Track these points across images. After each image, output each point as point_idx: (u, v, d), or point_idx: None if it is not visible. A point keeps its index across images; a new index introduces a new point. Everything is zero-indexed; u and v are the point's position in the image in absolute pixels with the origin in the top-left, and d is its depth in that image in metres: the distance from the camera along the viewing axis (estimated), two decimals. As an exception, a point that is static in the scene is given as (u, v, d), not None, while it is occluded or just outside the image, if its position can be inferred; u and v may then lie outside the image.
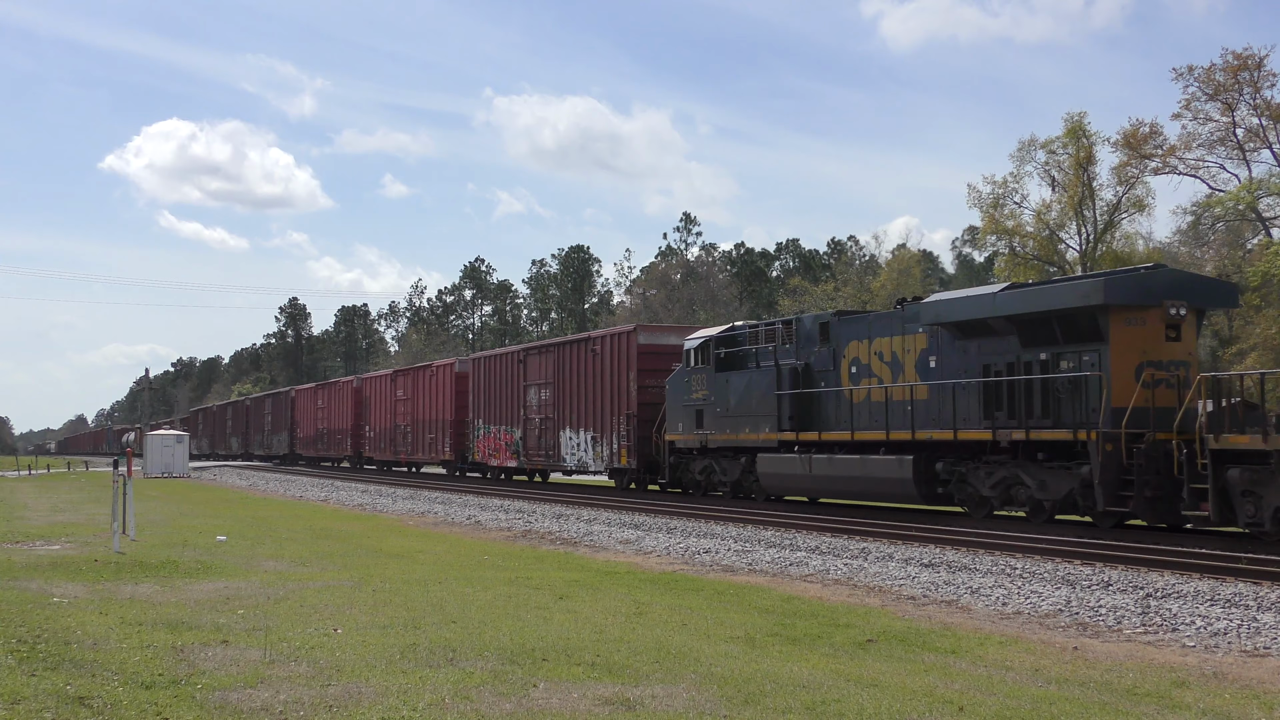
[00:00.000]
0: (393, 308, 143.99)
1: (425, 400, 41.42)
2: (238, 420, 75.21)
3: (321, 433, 54.88)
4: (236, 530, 19.57)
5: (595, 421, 29.37)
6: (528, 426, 33.16)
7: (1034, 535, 16.48)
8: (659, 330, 29.14)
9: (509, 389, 34.52)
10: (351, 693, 7.10)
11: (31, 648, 8.48)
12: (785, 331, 22.87)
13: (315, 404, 56.35)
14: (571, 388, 30.79)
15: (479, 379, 36.94)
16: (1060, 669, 8.15)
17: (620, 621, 9.89)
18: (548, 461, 32.12)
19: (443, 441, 39.58)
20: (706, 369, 24.50)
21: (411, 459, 43.61)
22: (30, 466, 71.70)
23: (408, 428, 43.11)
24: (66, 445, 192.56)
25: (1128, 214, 53.28)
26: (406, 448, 43.37)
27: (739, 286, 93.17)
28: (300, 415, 58.99)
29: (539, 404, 32.51)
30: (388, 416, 45.47)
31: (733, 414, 23.55)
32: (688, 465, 25.86)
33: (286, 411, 61.83)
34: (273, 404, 66.08)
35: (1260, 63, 46.17)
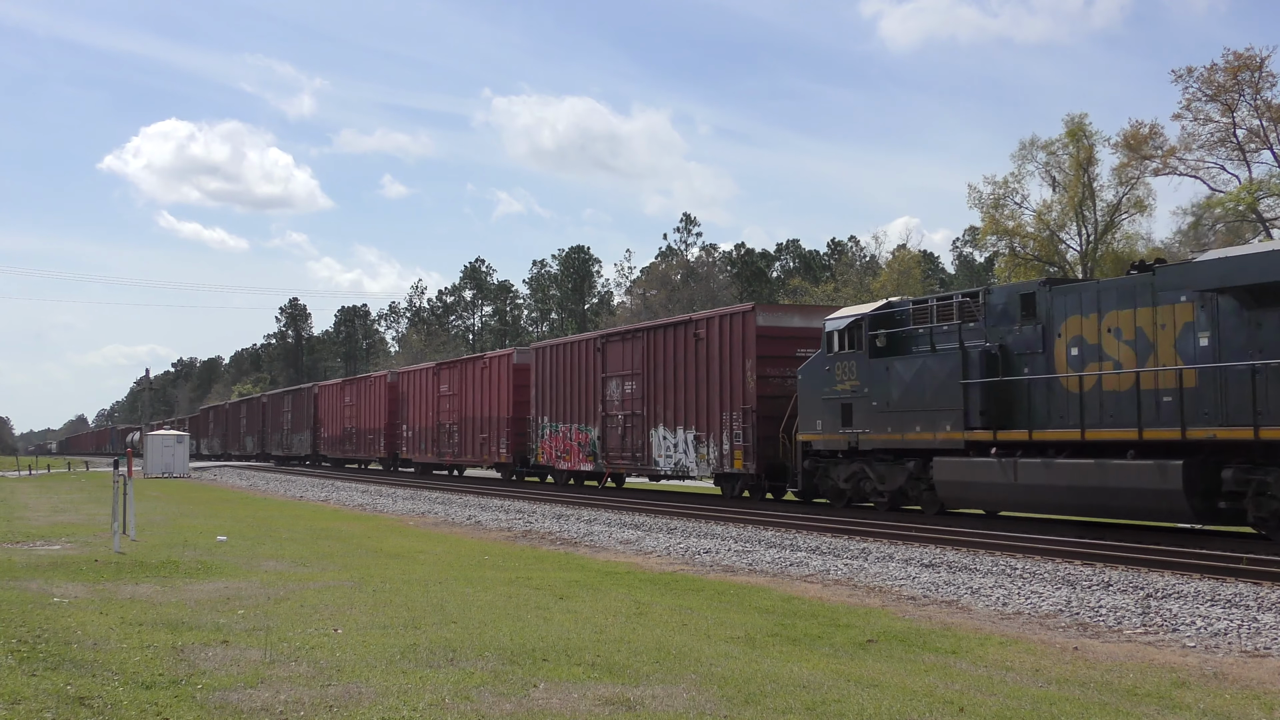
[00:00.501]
0: (393, 308, 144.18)
1: (476, 396, 37.17)
2: (253, 418, 71.03)
3: (349, 432, 50.94)
4: (237, 530, 19.57)
5: (699, 418, 25.20)
6: (607, 424, 28.98)
7: (1034, 535, 16.47)
8: (781, 311, 25.39)
9: (583, 381, 30.26)
10: (352, 693, 7.10)
11: (32, 648, 8.48)
12: (970, 306, 18.69)
13: (342, 401, 52.05)
14: (666, 379, 26.64)
15: (544, 371, 32.49)
16: (1061, 669, 8.15)
17: (620, 622, 9.89)
18: (634, 465, 28.05)
19: (497, 442, 35.50)
20: (857, 355, 20.32)
21: (458, 461, 39.48)
22: (30, 467, 71.73)
23: (454, 427, 38.93)
24: (68, 445, 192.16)
25: (1128, 214, 53.33)
26: (452, 449, 39.19)
27: (739, 287, 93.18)
28: (325, 413, 55.05)
29: (621, 398, 28.34)
30: (429, 414, 41.30)
31: (896, 409, 19.40)
32: (828, 471, 21.51)
33: (309, 409, 57.76)
34: (293, 401, 61.69)
35: (1261, 64, 46.19)
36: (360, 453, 49.81)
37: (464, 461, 38.93)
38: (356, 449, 50.13)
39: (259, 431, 68.49)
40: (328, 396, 55.03)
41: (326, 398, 55.15)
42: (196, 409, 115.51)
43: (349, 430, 50.89)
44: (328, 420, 54.61)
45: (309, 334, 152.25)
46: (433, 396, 40.95)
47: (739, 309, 24.72)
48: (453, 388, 39.18)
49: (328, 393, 55.38)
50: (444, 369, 40.70)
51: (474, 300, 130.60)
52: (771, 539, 17.69)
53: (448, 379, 39.80)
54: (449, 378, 39.74)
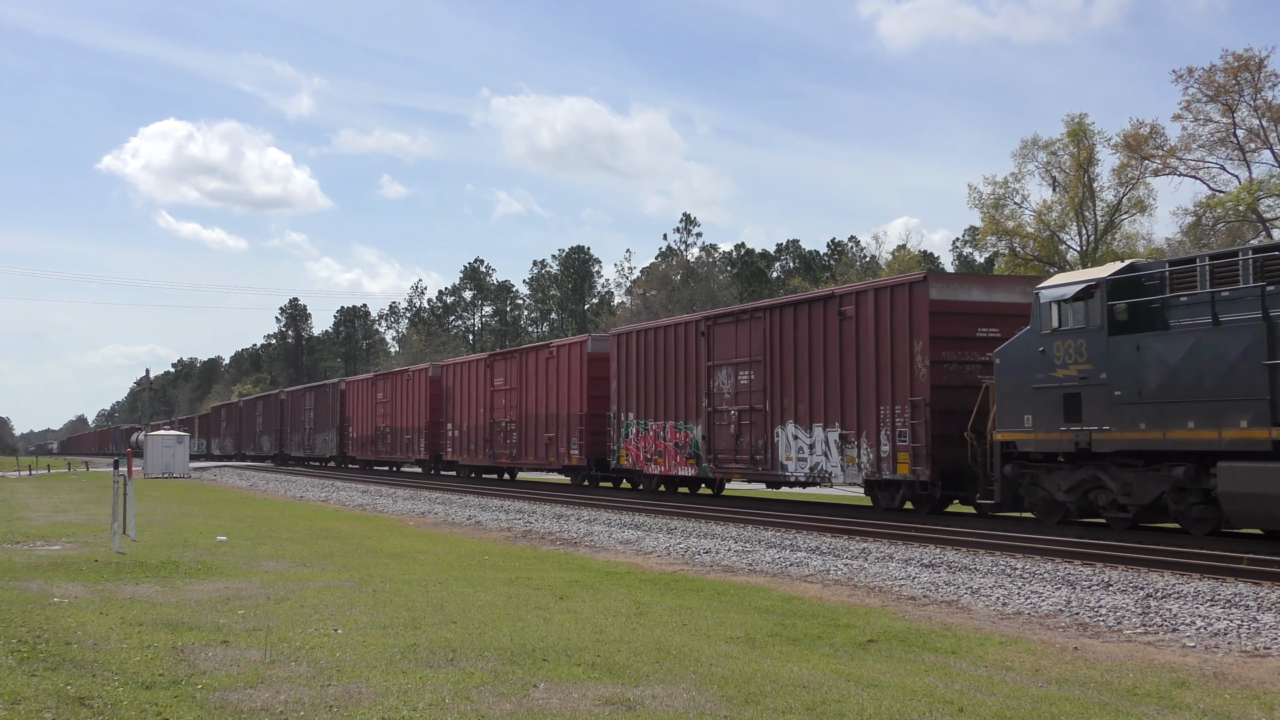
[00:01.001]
0: (393, 308, 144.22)
1: (540, 390, 32.71)
2: (270, 417, 65.85)
3: (383, 433, 46.28)
4: (237, 530, 19.58)
5: (845, 414, 20.85)
6: (715, 421, 24.59)
7: (1034, 535, 16.46)
8: (957, 282, 20.57)
9: (682, 371, 25.91)
10: (352, 693, 7.11)
11: (32, 648, 8.49)
12: (1266, 265, 14.43)
13: (373, 398, 47.44)
14: (798, 367, 22.11)
15: (629, 360, 28.05)
16: (1060, 669, 8.15)
17: (620, 622, 9.89)
18: (751, 469, 23.58)
19: (566, 442, 31.07)
20: (1088, 332, 16.12)
21: (517, 464, 34.86)
22: (30, 467, 71.76)
23: (510, 425, 34.58)
24: (69, 445, 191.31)
25: (1128, 215, 53.37)
26: (509, 450, 34.78)
27: (739, 287, 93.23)
28: (354, 411, 50.16)
29: (734, 390, 24.02)
30: (480, 412, 36.81)
31: (1153, 399, 15.19)
32: (1039, 479, 17.26)
33: (334, 407, 52.97)
34: (316, 398, 56.77)
35: (1261, 64, 46.21)
36: (396, 454, 45.14)
37: (525, 464, 34.59)
38: (391, 450, 45.43)
39: (277, 431, 63.96)
40: (357, 393, 50.05)
41: (356, 394, 50.24)
42: (207, 407, 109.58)
43: (382, 430, 46.38)
44: (357, 419, 49.83)
45: (309, 334, 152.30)
46: (484, 392, 36.57)
47: (904, 279, 20.46)
48: (510, 381, 34.75)
49: (357, 389, 50.34)
50: (499, 360, 36.21)
51: (474, 300, 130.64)
52: (771, 539, 17.69)
53: (504, 372, 35.33)
54: (505, 370, 35.25)
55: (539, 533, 19.77)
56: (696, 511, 22.20)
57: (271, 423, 65.26)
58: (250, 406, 73.51)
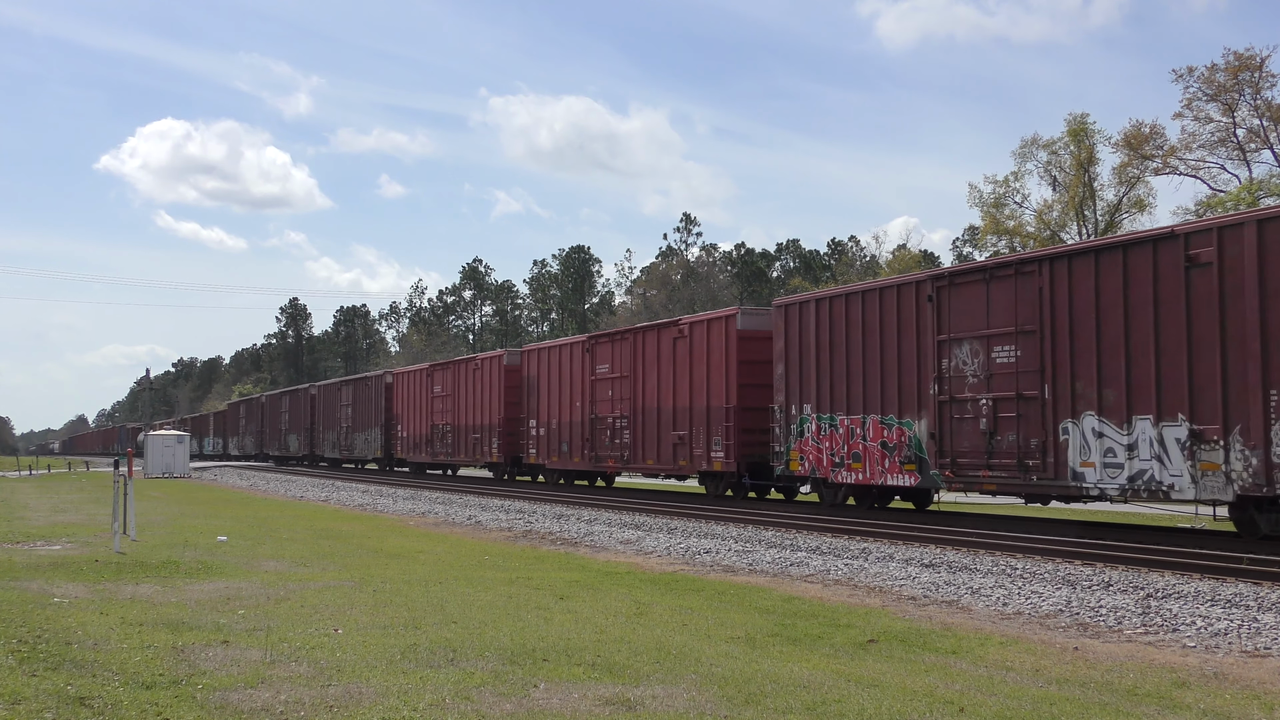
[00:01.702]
0: (393, 308, 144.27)
1: (663, 378, 26.58)
2: (299, 414, 60.07)
3: (440, 431, 40.29)
4: (237, 530, 19.58)
5: (1197, 400, 15.08)
6: (950, 413, 18.87)
7: (1034, 535, 16.47)
8: None
9: (894, 348, 19.93)
10: (352, 693, 7.11)
11: (32, 648, 8.49)
12: None
13: (428, 391, 41.57)
14: (1102, 336, 16.45)
15: (802, 337, 21.91)
16: (1061, 669, 8.15)
17: (621, 622, 9.89)
18: (1023, 478, 17.55)
19: (704, 442, 24.85)
20: None
21: (630, 467, 28.62)
22: (31, 467, 71.80)
23: (619, 422, 28.66)
24: (72, 445, 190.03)
25: (1129, 214, 53.36)
26: (617, 451, 28.78)
27: (739, 287, 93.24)
28: (403, 407, 44.17)
29: (985, 372, 18.25)
30: (576, 406, 30.99)
31: None
32: None
33: (377, 402, 46.87)
34: (356, 393, 50.41)
35: (1261, 63, 46.21)
36: (459, 456, 38.86)
37: (641, 468, 28.46)
38: (454, 451, 39.25)
39: (306, 430, 58.23)
40: (408, 386, 43.87)
41: (406, 388, 44.05)
42: (221, 403, 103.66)
43: (440, 429, 40.36)
44: (408, 416, 43.70)
45: (309, 334, 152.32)
46: (582, 381, 30.79)
47: None
48: (619, 368, 28.96)
49: (408, 382, 44.03)
50: (603, 344, 30.27)
51: (473, 300, 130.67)
52: (771, 539, 17.69)
53: (611, 356, 29.52)
54: (613, 355, 29.49)
55: (539, 532, 19.77)
56: (697, 511, 22.20)
57: (300, 420, 59.68)
58: (275, 403, 66.84)
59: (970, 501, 26.80)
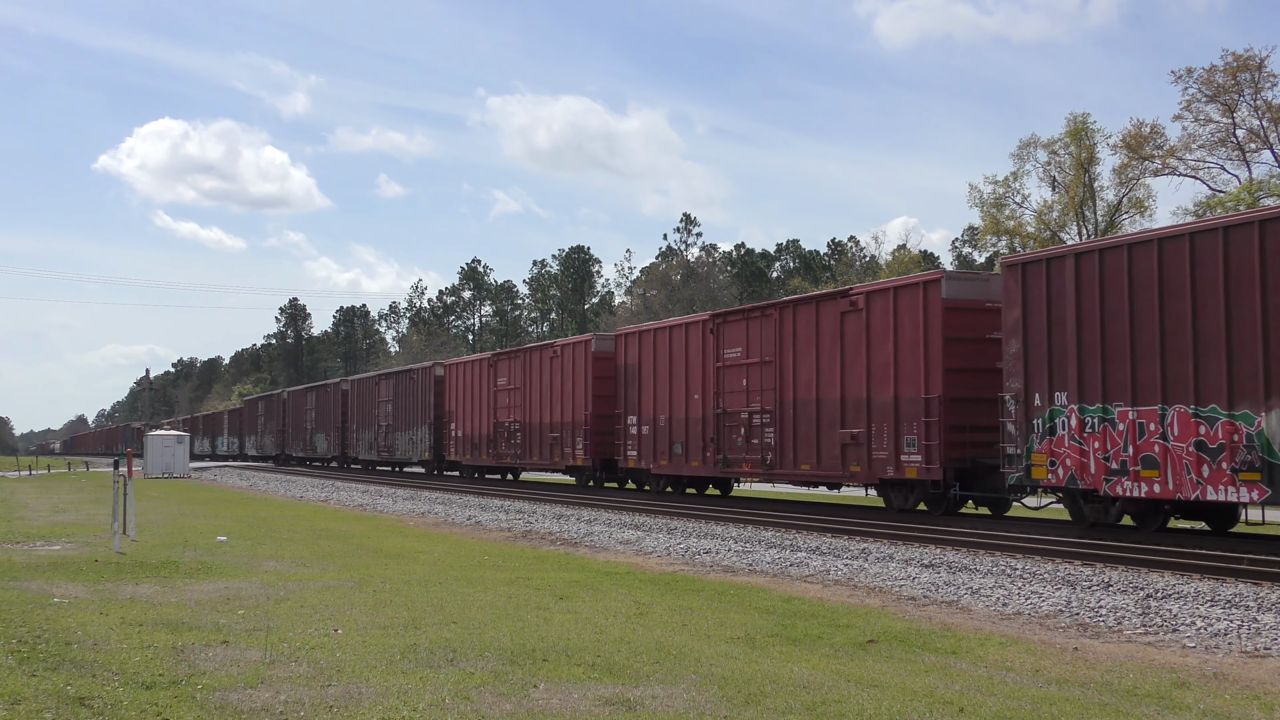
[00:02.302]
0: (393, 308, 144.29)
1: (823, 363, 21.86)
2: (327, 412, 54.99)
3: (506, 430, 34.85)
4: (237, 530, 19.58)
5: None
6: None
7: (1034, 536, 16.47)
8: None
9: (1212, 316, 14.80)
10: (352, 693, 7.11)
11: (32, 648, 8.49)
12: None
13: (489, 384, 36.33)
14: None
15: (1057, 304, 16.91)
16: (1061, 670, 8.16)
17: (621, 622, 9.89)
18: None
19: (889, 441, 20.31)
20: None
21: (776, 473, 23.29)
22: (30, 467, 71.82)
23: (759, 418, 23.43)
24: (73, 445, 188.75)
25: (1128, 215, 53.38)
26: (759, 455, 23.53)
27: (739, 287, 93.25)
28: (457, 403, 38.92)
29: None
30: (695, 400, 25.42)
31: None
32: None
33: (425, 398, 41.91)
34: (397, 388, 45.05)
35: (1261, 64, 46.22)
36: (531, 458, 33.30)
37: (793, 475, 22.98)
38: (524, 453, 33.66)
39: (336, 428, 53.17)
40: (464, 379, 38.51)
41: (462, 381, 38.69)
42: (218, 405, 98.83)
43: (507, 427, 34.86)
44: (463, 412, 38.42)
45: (309, 334, 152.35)
46: (703, 369, 25.11)
47: None
48: (757, 351, 23.52)
49: (464, 374, 38.65)
50: (734, 323, 24.37)
51: (473, 300, 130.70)
52: (771, 539, 17.69)
53: (745, 339, 23.83)
54: (748, 337, 23.81)
55: (539, 533, 19.77)
56: (696, 512, 22.19)
57: (329, 418, 54.61)
58: (299, 399, 61.12)
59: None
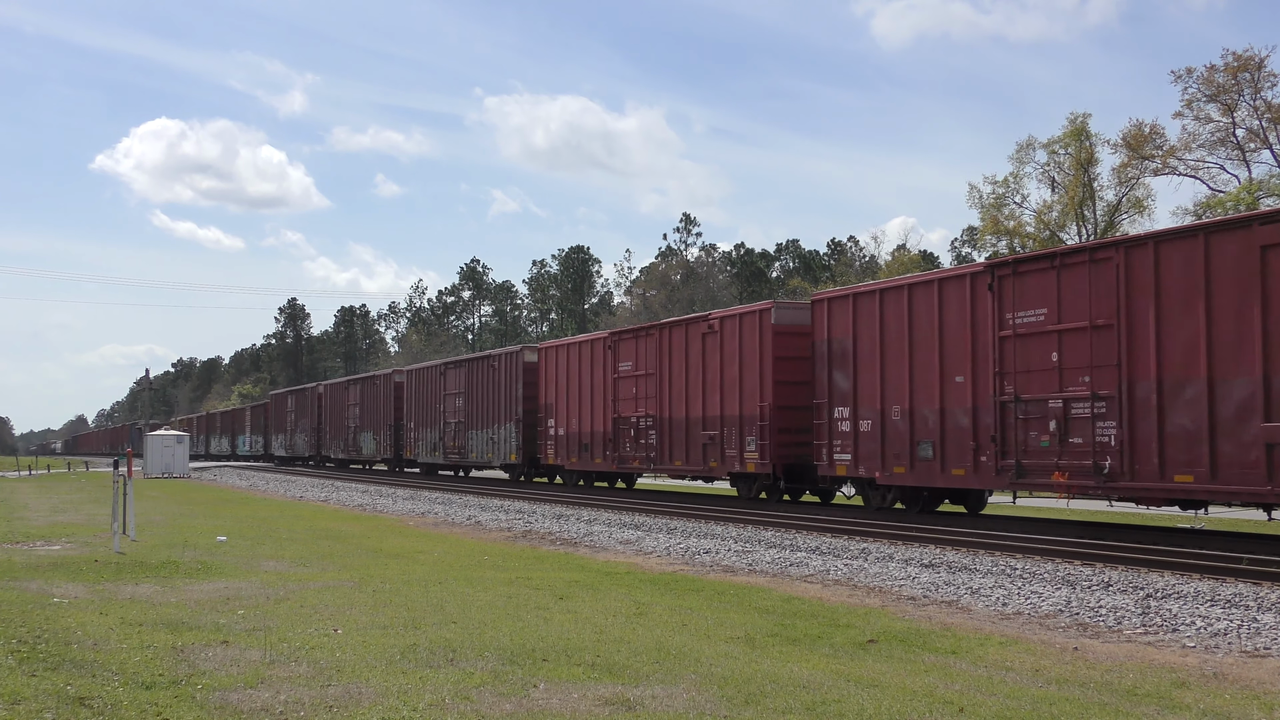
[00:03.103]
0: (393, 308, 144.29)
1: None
2: (375, 408, 47.23)
3: (634, 427, 27.20)
4: (237, 530, 19.58)
5: None
6: None
7: (1034, 535, 16.47)
8: None
9: None
10: (351, 693, 7.11)
11: (32, 648, 8.49)
12: None
13: (605, 371, 28.48)
14: None
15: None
16: (1060, 669, 8.16)
17: (620, 622, 9.89)
18: None
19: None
20: None
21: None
22: (30, 467, 71.82)
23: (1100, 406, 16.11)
24: (75, 444, 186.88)
25: (1128, 215, 53.39)
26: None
27: (739, 287, 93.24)
28: (555, 395, 31.12)
29: None
30: (956, 382, 18.59)
31: None
32: None
33: (510, 389, 34.10)
34: (469, 378, 37.12)
35: (1261, 63, 46.22)
36: (671, 461, 25.71)
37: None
38: (661, 456, 26.09)
39: (387, 427, 45.67)
40: (565, 366, 30.78)
41: (562, 367, 30.92)
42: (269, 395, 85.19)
43: (634, 424, 27.17)
44: (565, 407, 30.63)
45: (308, 334, 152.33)
46: (972, 345, 18.23)
47: None
48: (1080, 312, 16.44)
49: (564, 359, 30.85)
50: (1028, 275, 17.45)
51: (472, 300, 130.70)
52: (771, 539, 17.70)
53: (1053, 294, 16.99)
54: (1060, 292, 16.87)
55: (539, 533, 19.77)
56: (696, 512, 22.19)
57: (377, 415, 47.10)
58: (339, 394, 52.93)
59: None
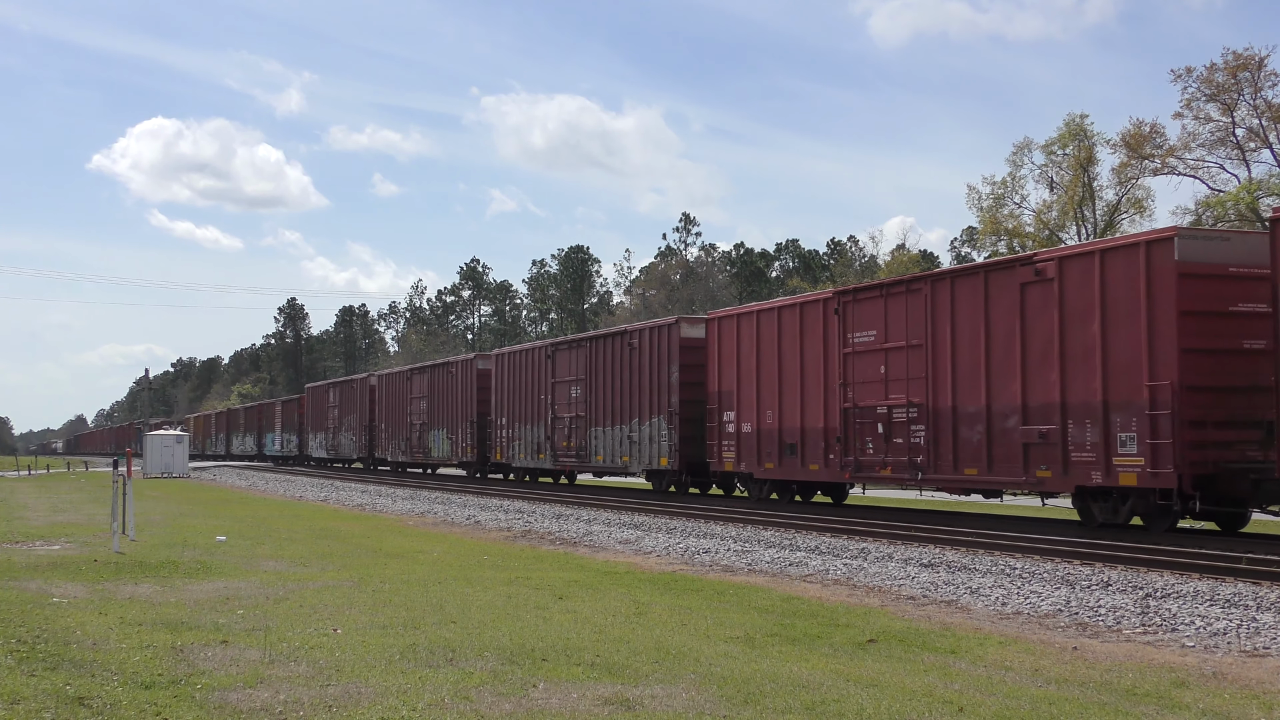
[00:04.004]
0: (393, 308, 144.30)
1: None
2: (451, 400, 38.86)
3: (882, 420, 20.04)
4: (236, 530, 19.58)
5: None
6: None
7: (1034, 535, 16.47)
8: None
9: None
10: (351, 693, 7.11)
11: (31, 648, 8.49)
12: None
13: (824, 344, 21.23)
14: None
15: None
16: (1060, 669, 8.16)
17: (620, 621, 9.89)
18: None
19: None
20: None
21: None
22: (30, 467, 71.81)
23: None
24: (76, 444, 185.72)
25: (1128, 214, 53.39)
26: None
27: (739, 286, 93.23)
28: (737, 379, 23.82)
29: None
30: None
31: None
32: None
33: (660, 372, 26.38)
34: (591, 357, 29.32)
35: (1261, 63, 46.20)
36: (961, 468, 18.51)
37: None
38: (931, 459, 19.01)
39: (466, 424, 37.34)
40: (751, 335, 23.39)
41: (747, 338, 23.52)
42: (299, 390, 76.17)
43: (881, 415, 20.13)
44: (755, 397, 23.24)
45: (308, 334, 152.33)
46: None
47: None
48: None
49: (749, 327, 23.53)
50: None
51: (472, 300, 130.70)
52: (771, 539, 17.69)
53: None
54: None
55: (538, 532, 19.77)
56: (696, 511, 22.20)
57: (453, 410, 38.86)
58: (397, 385, 44.71)
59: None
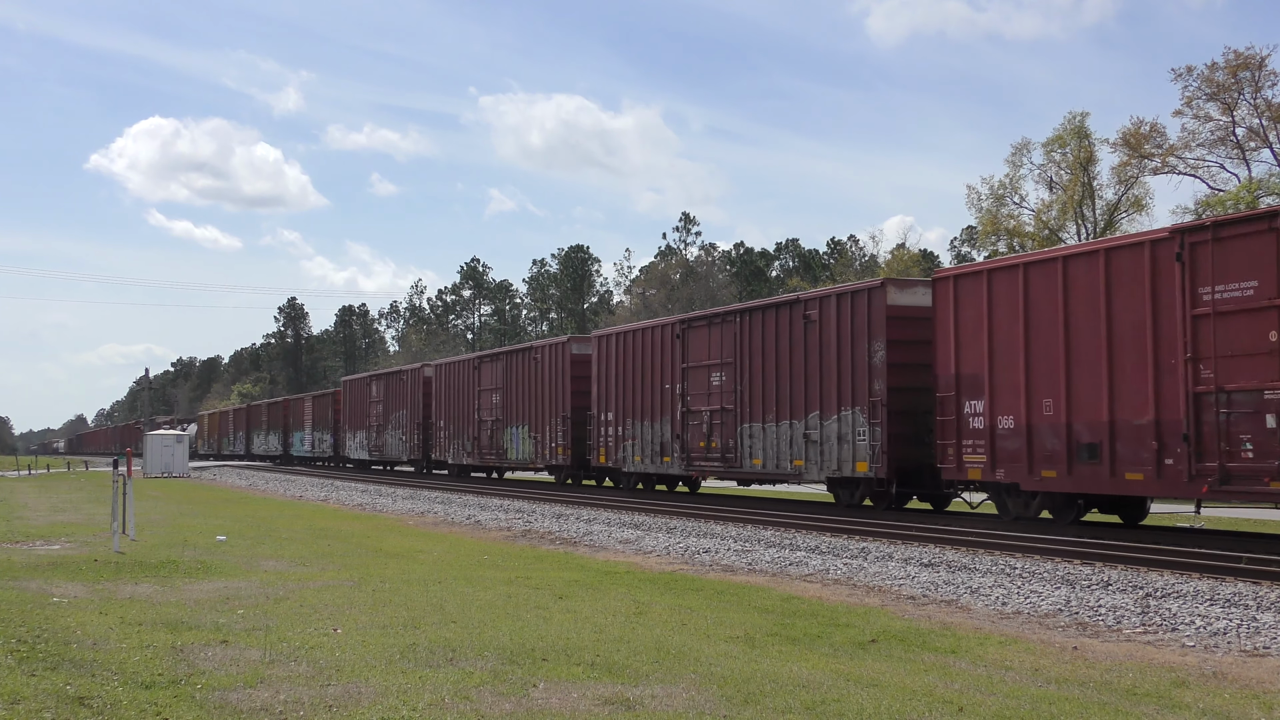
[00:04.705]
0: (393, 307, 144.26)
1: None
2: (531, 392, 32.94)
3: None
4: (236, 530, 19.58)
5: None
6: None
7: (1034, 535, 16.47)
8: None
9: None
10: (351, 693, 7.11)
11: (31, 648, 8.49)
12: None
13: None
14: None
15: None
16: (1060, 669, 8.16)
17: (620, 621, 9.89)
18: None
19: None
20: None
21: None
22: (30, 466, 71.83)
23: None
24: (78, 444, 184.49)
25: (1127, 214, 53.37)
26: None
27: (739, 286, 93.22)
28: (990, 355, 17.33)
29: None
30: None
31: None
32: None
33: (856, 349, 20.09)
34: (739, 336, 23.38)
35: (1261, 62, 46.19)
36: None
37: None
38: None
39: (560, 419, 31.23)
40: (1025, 294, 16.76)
41: (1030, 298, 16.72)
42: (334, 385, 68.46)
43: None
44: (1013, 379, 17.03)
45: (308, 334, 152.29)
46: None
47: None
48: None
49: (1024, 282, 16.80)
50: None
51: (472, 299, 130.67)
52: (771, 538, 17.69)
53: None
54: None
55: (538, 532, 19.76)
56: (696, 511, 22.20)
57: (535, 404, 32.78)
58: (457, 375, 38.56)
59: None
